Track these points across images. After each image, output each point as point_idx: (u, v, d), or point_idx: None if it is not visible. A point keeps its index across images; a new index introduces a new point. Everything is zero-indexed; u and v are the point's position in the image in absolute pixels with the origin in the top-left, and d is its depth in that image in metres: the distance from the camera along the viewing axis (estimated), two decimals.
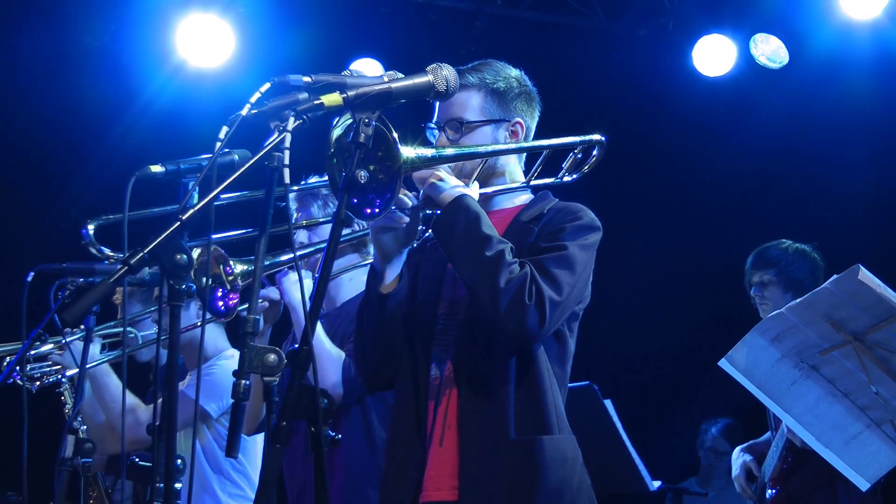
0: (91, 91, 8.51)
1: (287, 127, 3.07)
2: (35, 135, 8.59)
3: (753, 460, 6.19)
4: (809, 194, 9.07)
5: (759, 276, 6.14)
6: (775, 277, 6.10)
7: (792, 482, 5.96)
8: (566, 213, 3.87)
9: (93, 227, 4.01)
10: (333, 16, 8.86)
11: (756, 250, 6.20)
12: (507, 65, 4.09)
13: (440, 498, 3.76)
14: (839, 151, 8.85)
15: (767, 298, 6.10)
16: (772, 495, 6.02)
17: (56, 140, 8.58)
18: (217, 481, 5.39)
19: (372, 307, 3.86)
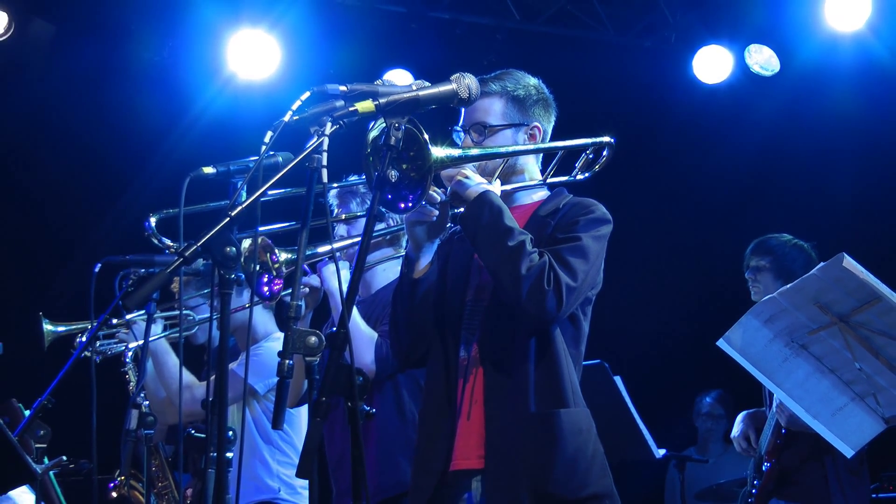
0: (151, 101, 8.53)
1: (325, 131, 3.09)
2: (102, 140, 8.61)
3: (753, 430, 6.17)
4: (799, 190, 9.05)
5: (756, 261, 6.13)
6: (769, 265, 6.09)
7: (785, 455, 5.95)
8: (580, 208, 3.87)
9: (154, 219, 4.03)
10: (368, 31, 8.87)
11: (759, 238, 6.19)
12: (527, 74, 4.09)
13: (468, 466, 3.77)
14: (826, 152, 8.83)
15: (759, 282, 6.10)
16: (767, 467, 6.01)
17: (120, 145, 8.60)
18: (266, 450, 5.39)
19: (405, 291, 3.87)
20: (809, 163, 8.95)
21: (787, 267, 6.02)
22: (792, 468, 5.94)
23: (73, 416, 4.90)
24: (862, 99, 8.51)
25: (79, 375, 4.71)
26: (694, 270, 9.41)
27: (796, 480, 5.95)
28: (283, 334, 2.99)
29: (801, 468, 5.89)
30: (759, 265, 6.12)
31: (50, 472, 5.35)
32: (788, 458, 5.93)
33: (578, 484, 3.66)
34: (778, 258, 6.08)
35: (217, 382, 3.01)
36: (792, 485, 5.97)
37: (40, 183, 8.78)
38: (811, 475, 5.86)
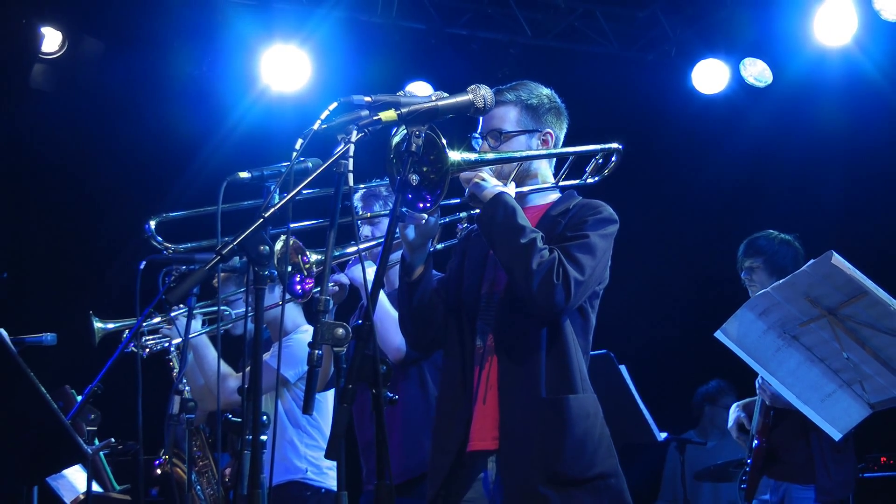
0: (191, 111, 8.54)
1: (351, 139, 3.11)
2: (145, 147, 8.63)
3: (746, 416, 6.17)
4: (789, 192, 9.04)
5: (749, 262, 6.10)
6: (762, 264, 6.07)
7: (774, 434, 5.93)
8: (589, 208, 3.86)
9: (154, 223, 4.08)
10: (392, 47, 8.87)
11: (747, 239, 6.18)
12: (540, 84, 4.08)
13: (484, 447, 3.77)
14: (815, 157, 8.81)
15: (755, 281, 6.07)
16: (757, 445, 6.01)
17: (162, 152, 8.62)
18: (296, 434, 5.39)
19: (404, 294, 3.92)
20: (799, 167, 8.94)
21: (779, 263, 6.01)
22: (780, 447, 5.92)
23: (121, 402, 4.90)
24: (848, 108, 8.50)
25: (126, 364, 4.73)
26: (693, 267, 9.40)
27: (784, 459, 5.93)
28: (313, 327, 2.99)
29: (788, 447, 5.87)
30: (752, 266, 6.09)
31: (100, 453, 5.38)
32: (776, 437, 5.92)
33: (586, 464, 3.65)
34: (769, 257, 6.05)
35: (252, 372, 3.01)
36: (780, 463, 5.95)
37: (90, 188, 8.81)
38: (798, 454, 5.84)
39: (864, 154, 8.57)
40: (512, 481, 3.66)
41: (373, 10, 8.76)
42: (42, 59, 8.32)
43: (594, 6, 9.19)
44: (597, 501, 3.65)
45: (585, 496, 3.63)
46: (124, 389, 4.47)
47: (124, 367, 4.67)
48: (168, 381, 5.79)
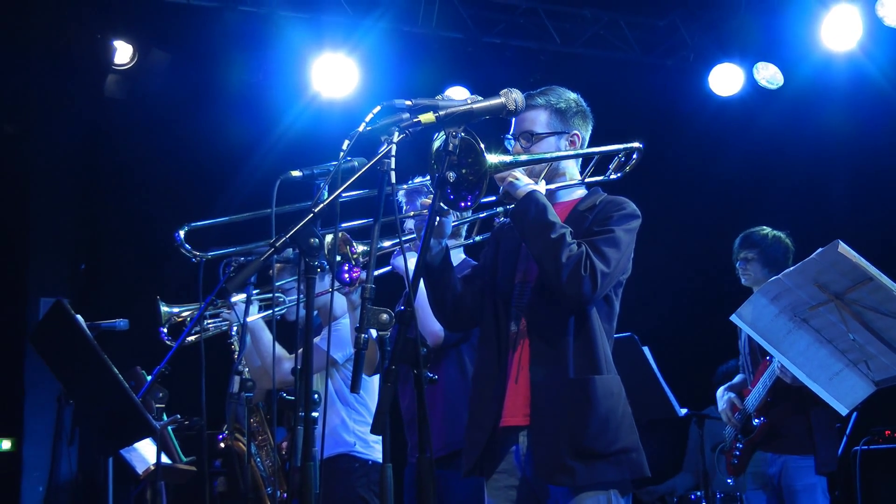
0: (247, 116, 8.58)
1: (393, 140, 3.12)
2: (206, 149, 8.69)
3: (736, 396, 6.23)
4: (799, 187, 8.99)
5: (745, 253, 6.21)
6: (757, 256, 6.17)
7: (773, 412, 5.98)
8: (614, 204, 3.84)
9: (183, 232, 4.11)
10: (432, 55, 8.88)
11: (743, 233, 6.28)
12: (567, 89, 4.06)
13: (515, 423, 3.77)
14: (823, 154, 8.74)
15: (749, 271, 6.18)
16: (759, 422, 6.04)
17: (221, 153, 8.67)
18: (345, 411, 5.39)
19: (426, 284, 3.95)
20: (808, 164, 8.90)
21: (772, 255, 6.13)
22: (779, 423, 5.96)
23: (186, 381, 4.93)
24: (853, 109, 8.45)
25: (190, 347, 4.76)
26: (710, 257, 9.32)
27: (783, 434, 5.97)
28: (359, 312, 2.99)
29: (787, 422, 5.91)
30: (747, 257, 6.19)
31: (168, 427, 5.41)
32: (776, 414, 5.96)
33: (610, 439, 3.64)
34: (763, 249, 6.15)
35: (304, 353, 3.02)
36: (779, 437, 5.98)
37: (157, 186, 8.87)
38: (797, 428, 5.88)
39: (868, 153, 8.52)
40: (542, 454, 3.66)
41: (414, 21, 8.79)
42: (115, 70, 8.40)
43: (618, 16, 9.21)
44: (619, 473, 3.65)
45: (609, 468, 3.63)
46: (189, 370, 4.50)
47: (189, 351, 4.71)
48: (229, 363, 5.83)
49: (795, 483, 5.86)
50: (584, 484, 3.60)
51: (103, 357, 4.37)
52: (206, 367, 4.46)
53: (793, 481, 5.87)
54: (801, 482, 5.84)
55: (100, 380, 4.37)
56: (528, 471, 3.73)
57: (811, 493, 5.82)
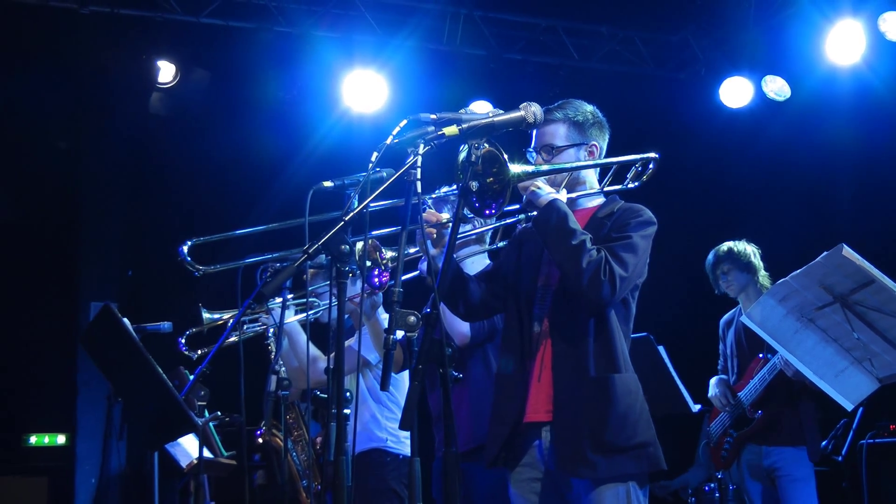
0: (282, 129, 8.61)
1: (419, 151, 3.13)
2: (243, 161, 8.74)
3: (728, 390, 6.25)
4: (805, 193, 8.93)
5: (721, 268, 6.38)
6: (732, 265, 6.33)
7: (769, 406, 6.00)
8: (631, 212, 3.83)
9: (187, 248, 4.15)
10: (457, 71, 8.89)
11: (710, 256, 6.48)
12: (584, 102, 4.04)
13: (538, 419, 3.75)
14: (828, 162, 8.69)
15: (731, 281, 6.33)
16: (759, 415, 6.05)
17: (256, 165, 8.70)
18: (377, 408, 5.38)
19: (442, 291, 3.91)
20: (814, 172, 8.83)
21: (744, 261, 6.31)
22: (774, 414, 5.98)
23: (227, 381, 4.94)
24: (858, 120, 8.39)
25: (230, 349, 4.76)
26: None
27: (777, 427, 5.98)
28: (388, 315, 2.99)
29: (780, 416, 5.95)
30: (724, 269, 6.37)
31: (209, 424, 5.42)
32: (772, 406, 5.98)
33: (629, 434, 3.62)
34: (733, 259, 6.34)
35: (336, 354, 3.02)
36: (773, 431, 5.99)
37: (199, 197, 8.91)
38: (789, 421, 5.92)
39: (871, 162, 8.47)
40: (565, 448, 3.64)
41: (440, 40, 8.79)
42: (159, 88, 8.44)
43: (633, 32, 9.21)
44: (638, 466, 3.63)
45: (628, 461, 3.61)
46: (229, 370, 4.51)
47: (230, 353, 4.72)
48: (266, 363, 5.83)
49: (794, 472, 5.89)
50: (605, 476, 3.59)
51: (148, 358, 4.38)
52: (244, 367, 4.48)
53: (792, 471, 5.90)
54: (799, 472, 5.88)
55: (145, 379, 4.39)
56: (551, 464, 3.72)
57: (808, 482, 5.87)
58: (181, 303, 6.73)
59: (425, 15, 8.71)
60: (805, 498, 5.84)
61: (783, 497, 5.89)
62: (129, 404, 5.13)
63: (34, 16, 8.02)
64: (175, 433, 4.78)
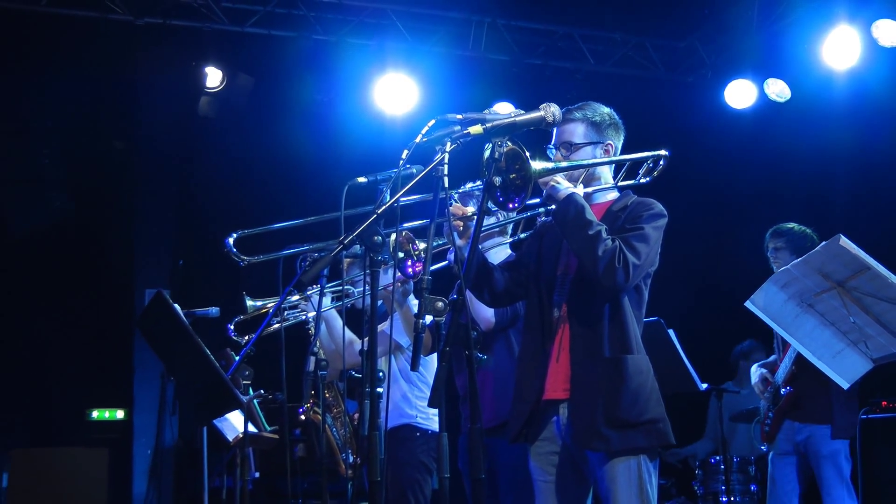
0: (320, 130, 8.59)
1: (446, 149, 3.11)
2: (283, 160, 8.74)
3: (768, 372, 6.09)
4: (805, 189, 8.84)
5: (774, 243, 6.05)
6: (785, 245, 6.02)
7: (798, 383, 5.86)
8: (643, 205, 3.81)
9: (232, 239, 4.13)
10: (483, 75, 8.86)
11: (773, 228, 6.13)
12: (602, 104, 4.02)
13: (556, 396, 3.74)
14: (825, 160, 8.58)
15: (780, 259, 6.01)
16: (786, 392, 5.93)
17: (295, 164, 8.70)
18: (408, 388, 5.36)
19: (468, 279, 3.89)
20: (813, 169, 8.74)
21: (799, 245, 5.95)
22: (803, 394, 5.85)
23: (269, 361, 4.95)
24: (853, 120, 8.30)
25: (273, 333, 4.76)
26: (728, 250, 9.28)
27: (807, 404, 5.85)
28: (418, 301, 2.98)
29: (809, 394, 5.80)
30: (777, 246, 6.03)
31: (253, 401, 5.42)
32: (800, 386, 5.84)
33: (640, 410, 3.61)
34: (790, 240, 5.99)
35: (369, 338, 3.01)
36: (802, 408, 5.87)
37: (244, 192, 8.93)
38: (818, 400, 5.76)
39: (866, 159, 8.38)
40: (580, 424, 3.63)
41: (465, 46, 8.78)
42: (206, 92, 8.45)
43: (644, 39, 9.19)
44: (648, 440, 3.62)
45: (639, 436, 3.60)
46: (271, 354, 4.52)
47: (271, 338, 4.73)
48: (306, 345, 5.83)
49: (820, 449, 5.75)
50: (617, 449, 3.59)
51: (197, 340, 4.38)
52: (285, 349, 4.49)
53: (817, 448, 5.76)
54: (824, 449, 5.74)
55: (194, 360, 4.39)
56: (567, 438, 3.71)
57: (834, 459, 5.71)
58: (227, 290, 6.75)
59: (452, 23, 8.72)
60: (831, 476, 5.71)
61: (815, 473, 5.81)
62: (180, 383, 5.14)
63: (94, 28, 8.08)
64: (222, 410, 4.79)
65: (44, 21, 7.95)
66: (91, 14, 7.99)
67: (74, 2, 7.94)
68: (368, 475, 2.97)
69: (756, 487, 7.36)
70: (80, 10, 7.97)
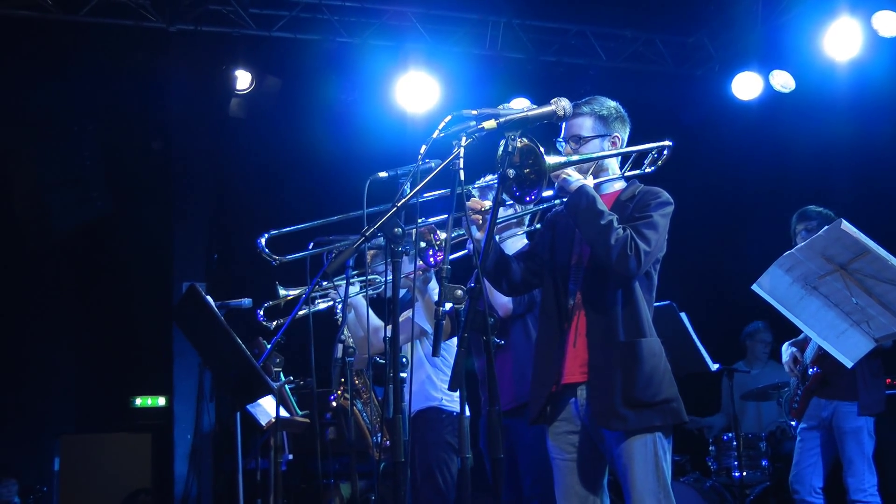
0: (344, 128, 8.58)
1: (462, 144, 3.10)
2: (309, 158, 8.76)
3: (797, 351, 6.01)
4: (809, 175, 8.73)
5: (806, 224, 5.90)
6: (817, 226, 5.81)
7: (825, 363, 5.74)
8: (651, 194, 3.79)
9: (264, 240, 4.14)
10: (499, 73, 8.83)
11: (799, 211, 6.01)
12: (608, 98, 3.98)
13: (574, 380, 3.73)
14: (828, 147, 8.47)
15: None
16: (813, 372, 5.85)
17: (321, 161, 8.69)
18: (433, 371, 5.32)
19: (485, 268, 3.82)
20: (816, 156, 8.63)
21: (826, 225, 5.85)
22: (830, 372, 5.75)
23: (299, 349, 4.95)
24: (855, 109, 8.21)
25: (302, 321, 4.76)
26: (735, 236, 9.22)
27: (833, 382, 5.76)
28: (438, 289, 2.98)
29: (837, 372, 5.66)
30: (809, 227, 5.88)
31: (285, 387, 5.43)
32: (827, 366, 5.73)
33: (654, 391, 3.60)
34: (821, 222, 5.80)
35: (393, 324, 3.01)
36: (830, 386, 5.78)
37: (273, 189, 8.97)
38: (845, 378, 5.65)
39: (867, 147, 8.31)
40: (599, 405, 3.62)
41: (482, 46, 8.76)
42: (236, 94, 8.46)
43: (654, 35, 9.14)
44: (662, 419, 3.61)
45: (654, 415, 3.59)
46: (300, 342, 4.52)
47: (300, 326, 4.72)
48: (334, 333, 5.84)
49: (844, 426, 5.68)
50: (634, 428, 3.57)
51: (229, 330, 4.40)
52: (314, 337, 4.49)
53: (842, 424, 5.69)
54: (849, 425, 5.66)
55: (227, 349, 4.41)
56: (585, 419, 3.70)
57: (858, 435, 5.64)
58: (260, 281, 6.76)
59: (469, 24, 8.70)
60: (854, 451, 5.64)
61: (838, 448, 5.74)
62: (214, 371, 5.16)
63: (129, 35, 8.13)
64: (254, 396, 4.80)
65: (82, 30, 8.01)
66: (126, 22, 8.05)
67: (111, 11, 7.98)
68: (393, 456, 2.97)
69: (767, 462, 7.31)
70: (116, 18, 8.02)
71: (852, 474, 5.63)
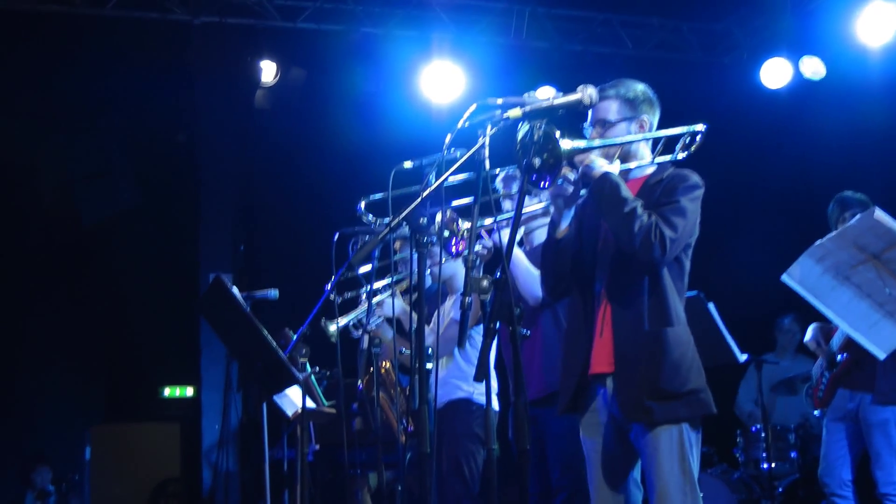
0: (369, 118, 8.57)
1: (486, 133, 3.06)
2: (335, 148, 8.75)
3: (823, 337, 5.90)
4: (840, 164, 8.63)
5: (850, 212, 5.62)
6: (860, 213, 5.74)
7: (852, 348, 5.58)
8: (679, 178, 3.68)
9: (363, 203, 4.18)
10: (525, 62, 8.80)
11: (836, 199, 5.79)
12: (636, 81, 3.89)
13: (601, 370, 3.67)
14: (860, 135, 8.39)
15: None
16: (843, 357, 5.77)
17: (347, 151, 8.69)
18: (465, 364, 5.30)
19: (550, 247, 3.77)
20: (848, 145, 8.53)
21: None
22: (859, 358, 5.60)
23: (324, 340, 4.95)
24: (888, 96, 8.12)
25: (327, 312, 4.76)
26: (764, 226, 9.15)
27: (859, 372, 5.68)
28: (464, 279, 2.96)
29: (862, 362, 5.56)
30: (855, 213, 5.59)
31: (311, 377, 5.42)
32: (857, 350, 5.47)
33: (681, 381, 3.53)
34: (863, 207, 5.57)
35: (417, 316, 2.99)
36: (856, 376, 5.70)
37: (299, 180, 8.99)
38: (870, 367, 5.51)
39: None
40: (625, 395, 3.57)
41: (508, 34, 8.73)
42: (262, 85, 8.49)
43: (680, 22, 9.08)
44: (690, 411, 3.55)
45: (681, 407, 3.53)
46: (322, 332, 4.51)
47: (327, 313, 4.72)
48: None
49: (871, 418, 5.57)
50: (660, 420, 3.51)
51: (254, 321, 4.40)
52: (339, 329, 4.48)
53: (868, 416, 5.59)
54: (875, 417, 5.56)
55: (252, 340, 4.41)
56: (614, 409, 3.65)
57: (884, 427, 5.53)
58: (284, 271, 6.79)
59: (494, 13, 8.66)
60: (881, 443, 5.55)
61: (865, 441, 5.65)
62: (241, 361, 5.17)
63: (155, 28, 8.19)
64: (280, 386, 4.80)
65: (109, 24, 8.07)
66: (152, 15, 8.10)
67: (136, 5, 8.04)
68: (419, 447, 2.95)
69: (796, 454, 7.25)
70: (141, 11, 8.07)
71: (880, 467, 5.55)
